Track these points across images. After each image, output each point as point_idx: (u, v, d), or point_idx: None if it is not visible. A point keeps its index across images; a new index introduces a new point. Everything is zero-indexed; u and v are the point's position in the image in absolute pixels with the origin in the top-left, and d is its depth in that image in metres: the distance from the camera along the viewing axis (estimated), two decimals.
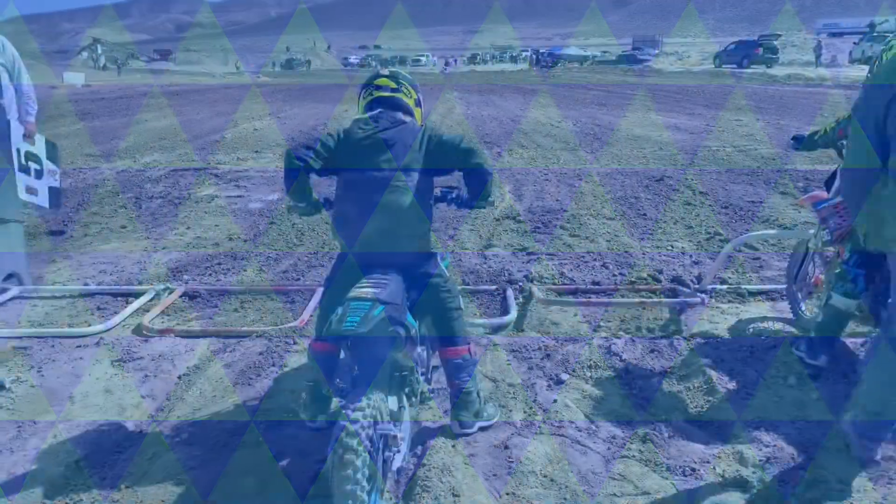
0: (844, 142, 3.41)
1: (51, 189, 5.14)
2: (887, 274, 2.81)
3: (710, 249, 5.53)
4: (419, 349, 2.68)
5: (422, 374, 2.68)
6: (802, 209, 6.81)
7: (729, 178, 8.46)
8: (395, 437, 2.15)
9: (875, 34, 40.24)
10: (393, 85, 2.75)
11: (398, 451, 2.24)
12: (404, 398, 2.39)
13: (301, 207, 2.73)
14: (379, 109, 2.70)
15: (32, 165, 4.93)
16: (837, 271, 3.20)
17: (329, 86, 37.66)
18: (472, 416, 2.75)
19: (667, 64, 52.88)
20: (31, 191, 4.95)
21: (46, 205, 5.20)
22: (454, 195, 2.88)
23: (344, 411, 1.97)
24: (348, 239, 2.59)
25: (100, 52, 73.29)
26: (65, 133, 14.50)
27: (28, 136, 4.86)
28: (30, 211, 5.76)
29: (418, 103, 2.83)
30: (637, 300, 4.34)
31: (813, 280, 3.77)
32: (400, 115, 2.71)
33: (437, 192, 2.82)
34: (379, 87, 2.75)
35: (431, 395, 2.96)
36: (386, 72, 2.83)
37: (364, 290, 2.26)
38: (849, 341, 3.58)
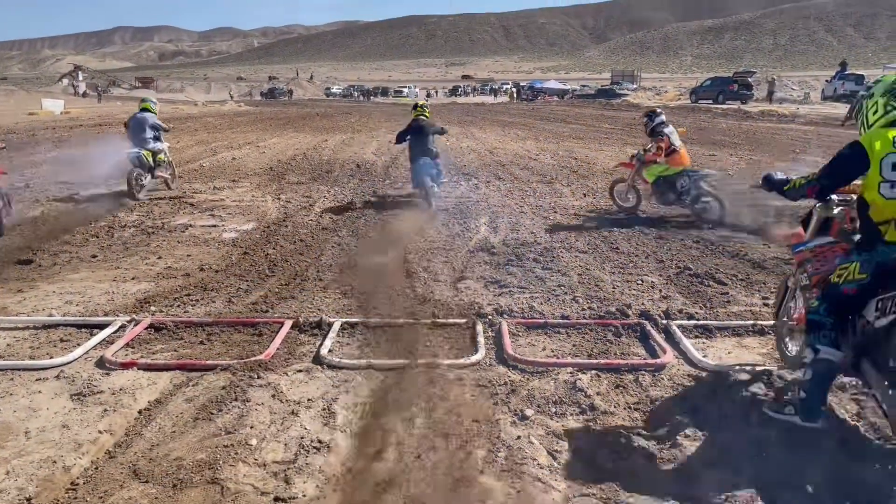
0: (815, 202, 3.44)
1: None
2: (866, 326, 2.83)
3: (680, 284, 5.59)
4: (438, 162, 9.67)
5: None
6: (772, 245, 6.93)
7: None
8: None
9: (846, 73, 41.41)
10: (425, 111, 10.11)
11: None
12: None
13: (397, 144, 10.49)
14: (421, 116, 9.83)
15: None
16: (812, 318, 3.08)
17: (310, 115, 37.79)
18: None
19: (644, 99, 53.78)
20: None
21: None
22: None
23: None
24: (414, 155, 9.38)
25: (80, 78, 73.12)
26: (39, 160, 14.40)
27: None
28: None
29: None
30: (604, 334, 4.37)
31: (796, 317, 3.71)
32: (425, 118, 9.88)
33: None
34: (419, 108, 10.20)
35: None
36: (421, 102, 11.85)
37: (424, 158, 9.32)
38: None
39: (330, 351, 4.05)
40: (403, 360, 3.92)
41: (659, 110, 9.11)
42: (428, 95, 71.96)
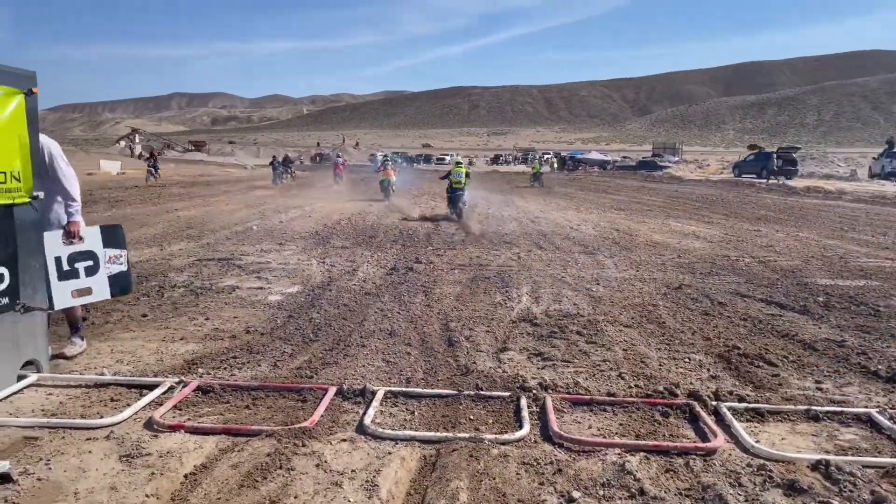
0: None
1: (113, 277, 5.30)
2: None
3: (729, 363, 5.46)
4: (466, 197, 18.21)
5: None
6: (822, 324, 6.75)
7: (748, 290, 8.43)
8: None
9: (894, 150, 40.81)
10: (461, 166, 18.38)
11: None
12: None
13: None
14: (461, 169, 18.14)
15: (82, 265, 5.10)
16: None
17: (355, 180, 38.68)
18: None
19: (686, 171, 53.78)
20: (81, 293, 5.10)
21: (108, 295, 5.37)
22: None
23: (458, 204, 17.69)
24: (452, 186, 17.87)
25: (137, 141, 76.52)
26: (97, 220, 14.95)
27: (72, 237, 5.04)
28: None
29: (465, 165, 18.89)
30: (651, 414, 4.26)
31: None
32: (461, 170, 18.17)
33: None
34: (458, 164, 18.56)
35: None
36: (458, 159, 26.21)
37: (460, 187, 17.76)
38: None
39: (373, 420, 4.04)
40: (447, 433, 3.88)
41: None
42: (470, 163, 73.16)
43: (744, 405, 4.46)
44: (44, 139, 5.11)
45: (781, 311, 7.36)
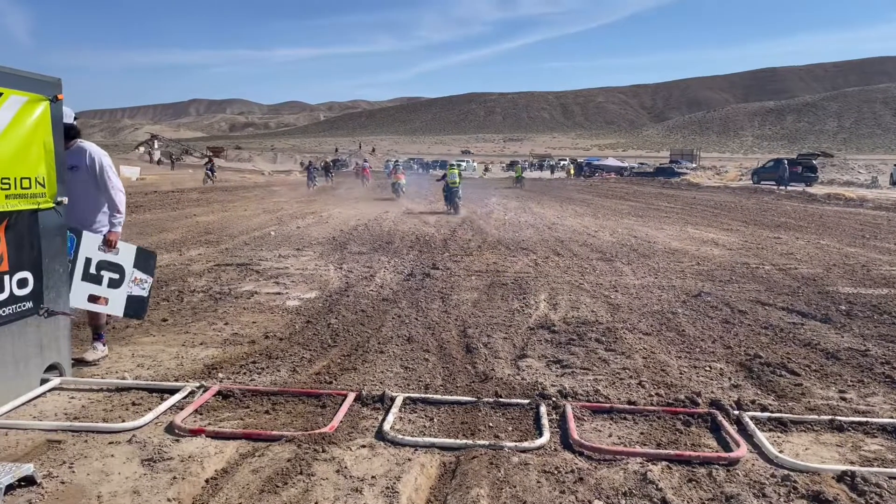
0: None
1: (131, 298, 5.38)
2: None
3: (750, 372, 5.39)
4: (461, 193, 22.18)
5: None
6: (845, 333, 6.66)
7: (769, 298, 8.34)
8: None
9: None
10: (457, 170, 22.43)
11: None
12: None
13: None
14: (455, 171, 22.27)
15: (107, 275, 5.17)
16: None
17: (372, 186, 38.83)
18: None
19: (704, 178, 53.42)
20: (94, 299, 5.18)
21: (120, 313, 5.44)
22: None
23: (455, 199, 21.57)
24: (448, 186, 21.88)
25: (156, 147, 77.41)
26: None
27: (108, 246, 5.14)
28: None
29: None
30: (672, 423, 4.22)
31: None
32: (455, 171, 22.26)
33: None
34: (452, 166, 23.10)
35: None
36: (454, 162, 28.73)
37: (454, 186, 21.77)
38: None
39: (393, 427, 4.04)
40: (466, 439, 3.87)
41: None
42: (486, 169, 73.16)
43: (766, 415, 4.41)
44: (94, 149, 5.22)
45: (803, 319, 7.27)
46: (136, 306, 5.50)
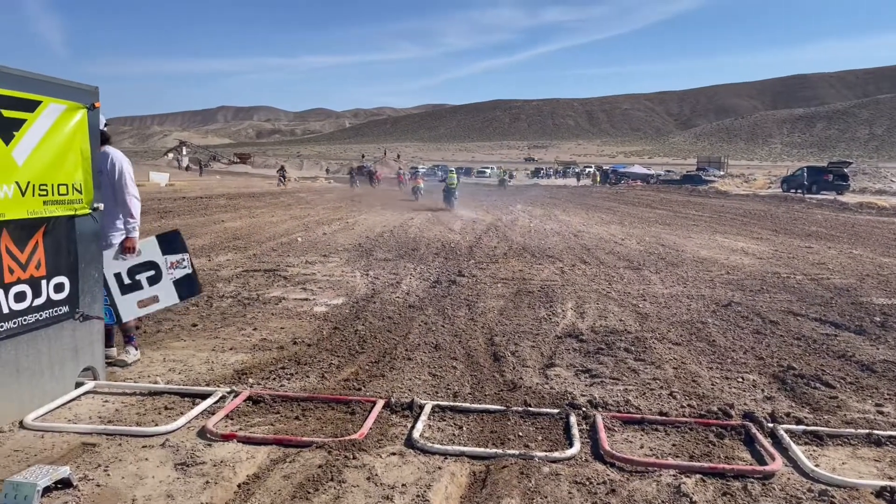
0: None
1: (179, 281, 5.44)
2: None
3: (784, 384, 5.30)
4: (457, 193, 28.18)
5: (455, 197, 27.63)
6: (880, 345, 6.52)
7: (801, 308, 8.20)
8: None
9: None
10: (454, 174, 29.77)
11: None
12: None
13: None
14: (453, 175, 29.30)
15: (143, 276, 5.26)
16: None
17: (398, 193, 38.97)
18: None
19: (732, 186, 52.78)
20: (145, 303, 5.27)
21: (177, 300, 5.53)
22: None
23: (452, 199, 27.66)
24: (447, 187, 27.98)
25: (184, 153, 78.53)
26: (147, 230, 15.34)
27: (129, 253, 5.21)
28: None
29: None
30: (705, 435, 4.16)
31: None
32: (453, 176, 29.33)
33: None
34: (451, 172, 31.00)
35: None
36: (452, 168, 39.18)
37: (452, 187, 27.95)
38: None
39: (422, 434, 4.03)
40: (496, 449, 3.85)
41: None
42: (511, 176, 72.97)
43: (801, 427, 4.33)
44: (116, 154, 5.30)
45: (837, 330, 7.13)
46: (186, 287, 5.55)
